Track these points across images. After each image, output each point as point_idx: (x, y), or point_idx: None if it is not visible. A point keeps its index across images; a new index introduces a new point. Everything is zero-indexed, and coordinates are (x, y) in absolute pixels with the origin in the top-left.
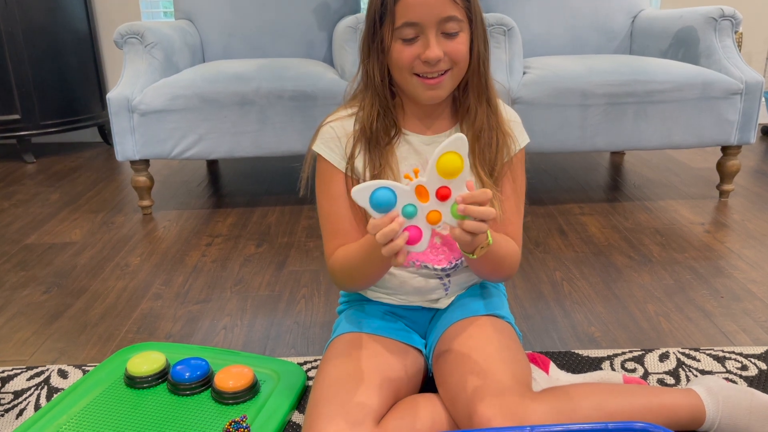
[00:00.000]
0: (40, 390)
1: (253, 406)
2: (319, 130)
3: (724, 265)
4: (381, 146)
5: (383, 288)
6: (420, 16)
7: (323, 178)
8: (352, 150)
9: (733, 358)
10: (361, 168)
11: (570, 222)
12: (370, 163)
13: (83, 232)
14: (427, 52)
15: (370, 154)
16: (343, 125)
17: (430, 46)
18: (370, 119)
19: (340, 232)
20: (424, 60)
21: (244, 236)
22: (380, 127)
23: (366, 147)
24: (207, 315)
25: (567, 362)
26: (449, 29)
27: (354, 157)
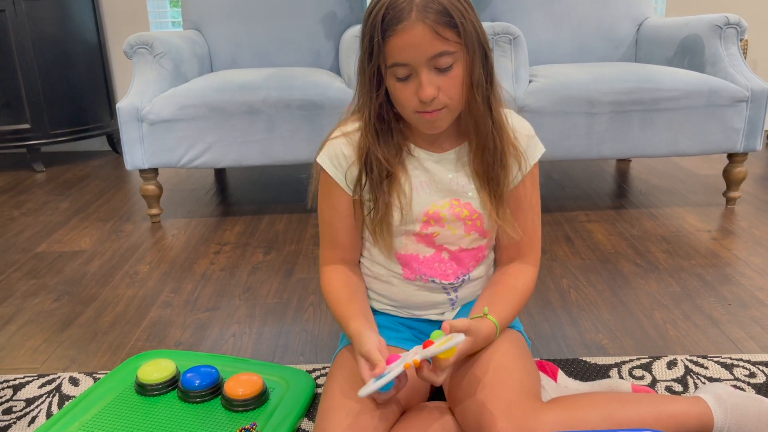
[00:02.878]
0: (52, 397)
1: (263, 414)
2: (324, 144)
3: (731, 272)
4: (380, 180)
5: (389, 300)
6: (409, 57)
7: (326, 190)
8: (358, 178)
9: (740, 365)
10: (368, 198)
11: (576, 229)
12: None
13: (93, 241)
14: (420, 93)
15: (372, 186)
16: (348, 142)
17: (422, 86)
18: (363, 153)
19: (337, 245)
20: (420, 99)
21: (252, 244)
22: (375, 160)
23: (368, 178)
24: (216, 323)
25: (575, 370)
26: (441, 65)
27: (361, 186)
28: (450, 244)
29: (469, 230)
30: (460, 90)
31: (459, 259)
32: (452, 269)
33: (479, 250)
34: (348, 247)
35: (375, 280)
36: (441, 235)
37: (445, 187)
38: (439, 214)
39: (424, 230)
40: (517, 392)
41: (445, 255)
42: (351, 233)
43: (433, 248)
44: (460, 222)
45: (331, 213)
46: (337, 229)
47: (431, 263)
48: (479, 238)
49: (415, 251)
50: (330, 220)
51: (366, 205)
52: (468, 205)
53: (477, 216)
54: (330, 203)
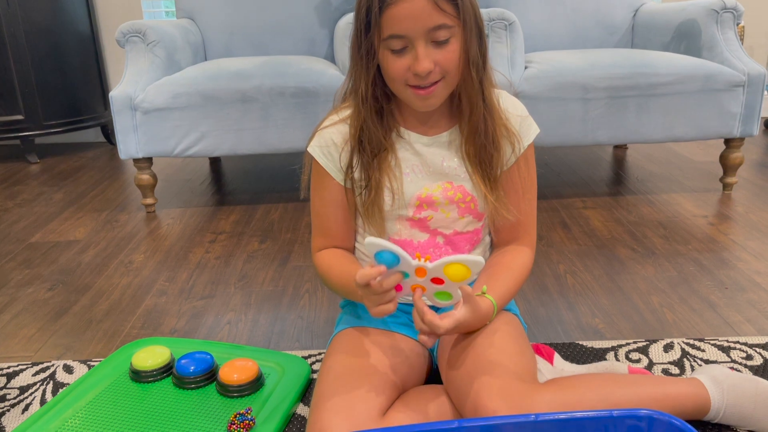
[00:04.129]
0: (46, 385)
1: (258, 399)
2: (315, 134)
3: (728, 256)
4: (372, 157)
5: None
6: (407, 29)
7: (317, 179)
8: (349, 160)
9: (737, 347)
10: (359, 174)
11: (573, 216)
12: (365, 173)
13: (87, 231)
14: (416, 65)
15: (363, 164)
16: (338, 131)
17: (419, 59)
18: (356, 131)
19: (328, 233)
20: (414, 73)
21: (247, 233)
22: (368, 138)
23: (359, 158)
24: (211, 310)
25: (571, 353)
26: (439, 37)
27: (352, 168)
28: (444, 228)
29: (462, 213)
30: (456, 65)
31: (454, 243)
32: (448, 254)
33: (474, 233)
34: (339, 237)
35: None
36: (434, 219)
37: (438, 171)
38: (432, 197)
39: (417, 214)
40: (513, 374)
41: (440, 239)
42: (343, 223)
43: (428, 233)
44: (453, 205)
45: (322, 203)
46: (328, 218)
47: (426, 249)
48: (474, 221)
49: (410, 237)
50: (322, 209)
51: (357, 187)
52: (461, 188)
53: (470, 199)
54: (321, 193)
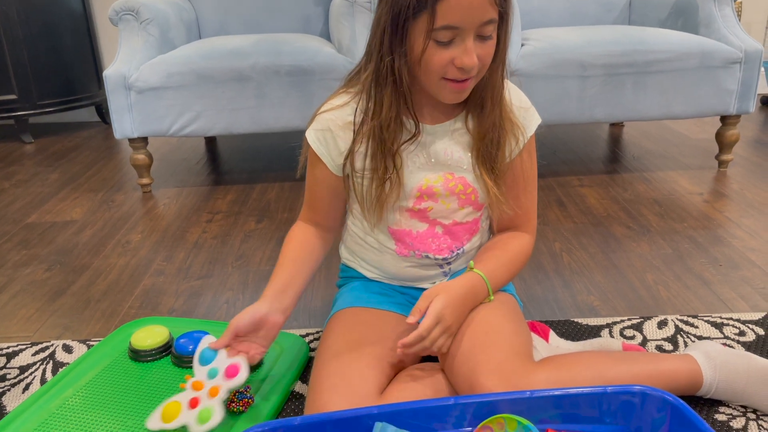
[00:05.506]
0: (46, 365)
1: (257, 377)
2: (314, 117)
3: (722, 233)
4: (393, 149)
5: (380, 272)
6: (462, 20)
7: (312, 161)
8: (352, 146)
9: (731, 324)
10: (362, 164)
11: (569, 194)
12: (376, 163)
13: (84, 211)
14: (464, 59)
15: (380, 155)
16: (337, 116)
17: (468, 52)
18: (388, 121)
19: (314, 209)
20: (459, 66)
21: (244, 212)
22: (396, 128)
23: (375, 149)
24: (209, 290)
25: (566, 331)
26: (486, 32)
27: (354, 153)
28: (444, 218)
29: (463, 204)
30: (491, 59)
31: (453, 233)
32: (446, 243)
33: (474, 223)
34: (324, 214)
35: (367, 251)
36: (434, 210)
37: (439, 161)
38: (433, 189)
39: (417, 205)
40: (508, 352)
41: (438, 229)
42: (330, 204)
43: (427, 223)
44: (454, 197)
45: (313, 181)
46: (316, 197)
47: (425, 238)
48: (473, 211)
49: (409, 227)
50: (312, 186)
51: (356, 179)
52: (462, 179)
53: (471, 190)
54: (313, 173)
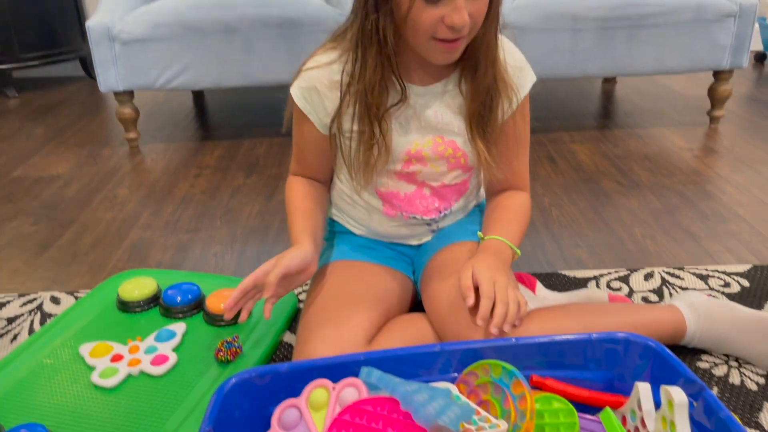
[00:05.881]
0: (33, 316)
1: (245, 328)
2: (299, 73)
3: (711, 189)
4: (379, 114)
5: (367, 230)
6: None
7: (298, 118)
8: (339, 108)
9: (716, 276)
10: (349, 126)
11: (560, 150)
12: (363, 127)
13: (70, 166)
14: (454, 17)
15: (366, 119)
16: (324, 75)
17: (458, 10)
18: (372, 85)
19: (303, 164)
20: (449, 25)
21: (232, 168)
22: (382, 92)
23: (362, 112)
24: (197, 244)
25: (554, 283)
26: None
27: (341, 115)
28: (432, 181)
29: (452, 167)
30: (483, 18)
31: (441, 195)
32: (434, 205)
33: (462, 184)
34: (314, 169)
35: (354, 209)
36: (423, 173)
37: (429, 124)
38: (422, 153)
39: (405, 169)
40: None
41: (426, 191)
42: (319, 160)
43: (415, 185)
44: (443, 160)
45: (300, 137)
46: (305, 153)
47: (412, 200)
48: (462, 174)
49: (396, 189)
50: (300, 143)
51: (343, 141)
52: (452, 143)
53: (461, 154)
54: (301, 129)
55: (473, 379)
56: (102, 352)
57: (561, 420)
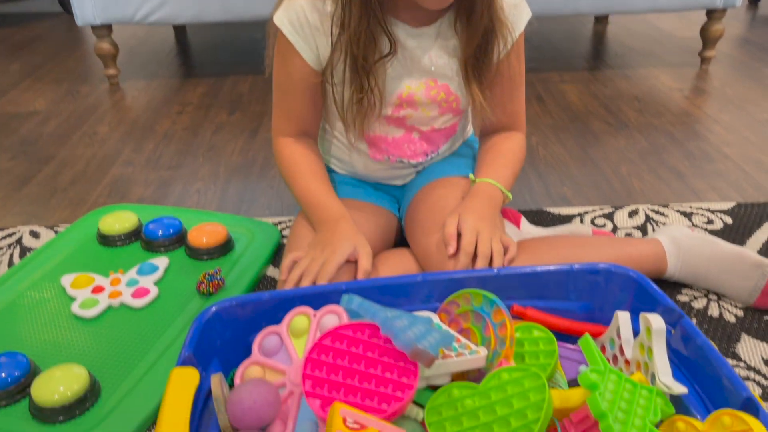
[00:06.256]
0: (13, 249)
1: (228, 262)
2: (282, 2)
3: (700, 128)
4: (367, 66)
5: (351, 170)
6: None
7: (284, 54)
8: (331, 56)
9: (700, 213)
10: (341, 76)
11: (549, 90)
12: (355, 81)
13: (47, 102)
14: None
15: (354, 72)
16: (314, 8)
17: None
18: (358, 35)
19: (293, 115)
20: None
21: (215, 105)
22: (369, 43)
23: (351, 64)
24: (179, 180)
25: (538, 219)
26: None
27: (333, 66)
28: (422, 125)
29: (443, 112)
30: None
31: (430, 139)
32: (422, 148)
33: (451, 128)
34: (306, 120)
35: (336, 148)
36: (413, 118)
37: (422, 67)
38: (414, 97)
39: (395, 113)
40: None
41: (415, 135)
42: (310, 105)
43: (404, 129)
44: (435, 104)
45: (287, 79)
46: (295, 99)
47: (400, 144)
48: (453, 117)
49: (384, 133)
50: (286, 87)
51: (335, 83)
52: (445, 87)
53: (454, 98)
54: (288, 70)
55: (454, 309)
56: (83, 283)
57: (541, 348)
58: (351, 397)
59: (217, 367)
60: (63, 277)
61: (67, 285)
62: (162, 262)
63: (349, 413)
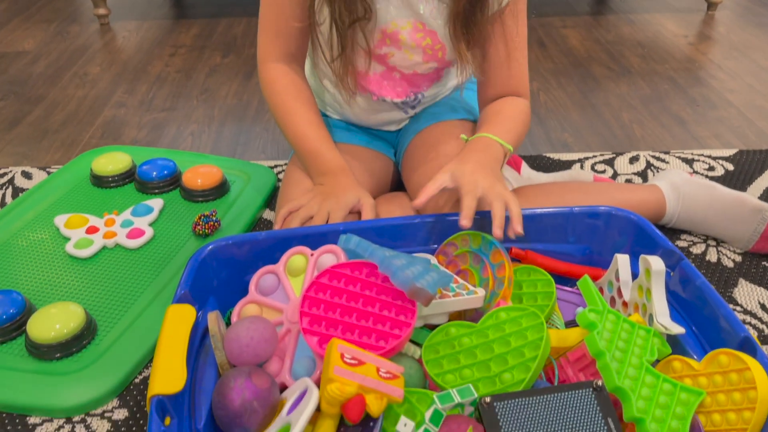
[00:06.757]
0: (5, 190)
1: (224, 204)
2: None
3: (703, 75)
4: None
5: (344, 119)
6: None
7: None
8: None
9: (701, 160)
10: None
11: (550, 35)
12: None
13: (36, 42)
14: None
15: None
16: None
17: None
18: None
19: (281, 33)
20: None
21: (209, 47)
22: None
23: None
24: (173, 122)
25: (538, 164)
26: None
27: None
28: (404, 68)
29: (427, 59)
30: None
31: (411, 81)
32: (402, 88)
33: (435, 72)
34: (295, 38)
35: (322, 91)
36: (395, 57)
37: (411, 6)
38: (398, 36)
39: (377, 49)
40: None
41: (396, 74)
42: (297, 18)
43: (384, 67)
44: (419, 49)
45: None
46: (284, 12)
47: (380, 80)
48: (437, 66)
49: (365, 68)
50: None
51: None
52: (433, 33)
53: (440, 47)
54: None
55: (452, 250)
56: (77, 223)
57: (539, 290)
58: (348, 334)
59: (213, 306)
60: (57, 217)
61: (61, 225)
62: (156, 204)
63: (347, 349)
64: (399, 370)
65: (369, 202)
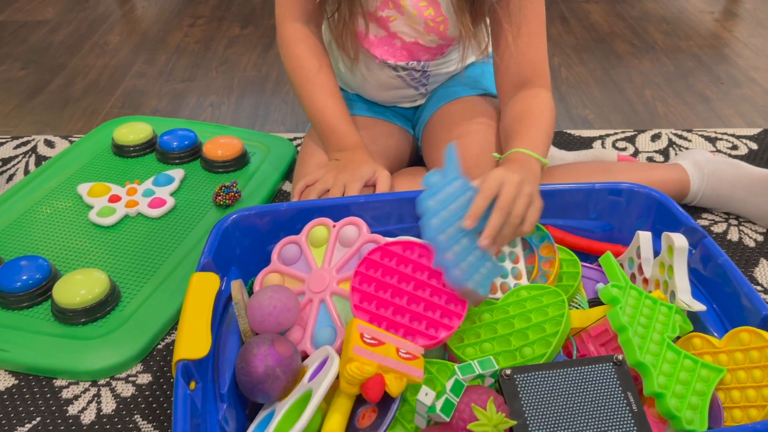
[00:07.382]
0: (28, 158)
1: (244, 175)
2: None
3: (728, 52)
4: None
5: (361, 93)
6: None
7: None
8: None
9: (725, 138)
10: None
11: (573, 9)
12: None
13: (57, 11)
14: None
15: None
16: None
17: None
18: None
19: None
20: None
21: (228, 18)
22: None
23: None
24: (193, 93)
25: (560, 141)
26: None
27: None
28: (405, 35)
29: (429, 31)
30: None
31: (411, 51)
32: (402, 54)
33: (438, 48)
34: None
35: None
36: (397, 22)
37: None
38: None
39: (380, 11)
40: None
41: (397, 42)
42: None
43: (385, 32)
44: (421, 18)
45: None
46: None
47: (381, 44)
48: (439, 40)
49: (365, 29)
50: None
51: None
52: (436, 4)
53: (442, 19)
54: None
55: None
56: (100, 192)
57: (564, 269)
58: (399, 317)
59: (236, 275)
60: (79, 185)
61: (84, 193)
62: (178, 174)
63: (367, 329)
64: (419, 351)
65: (384, 174)
